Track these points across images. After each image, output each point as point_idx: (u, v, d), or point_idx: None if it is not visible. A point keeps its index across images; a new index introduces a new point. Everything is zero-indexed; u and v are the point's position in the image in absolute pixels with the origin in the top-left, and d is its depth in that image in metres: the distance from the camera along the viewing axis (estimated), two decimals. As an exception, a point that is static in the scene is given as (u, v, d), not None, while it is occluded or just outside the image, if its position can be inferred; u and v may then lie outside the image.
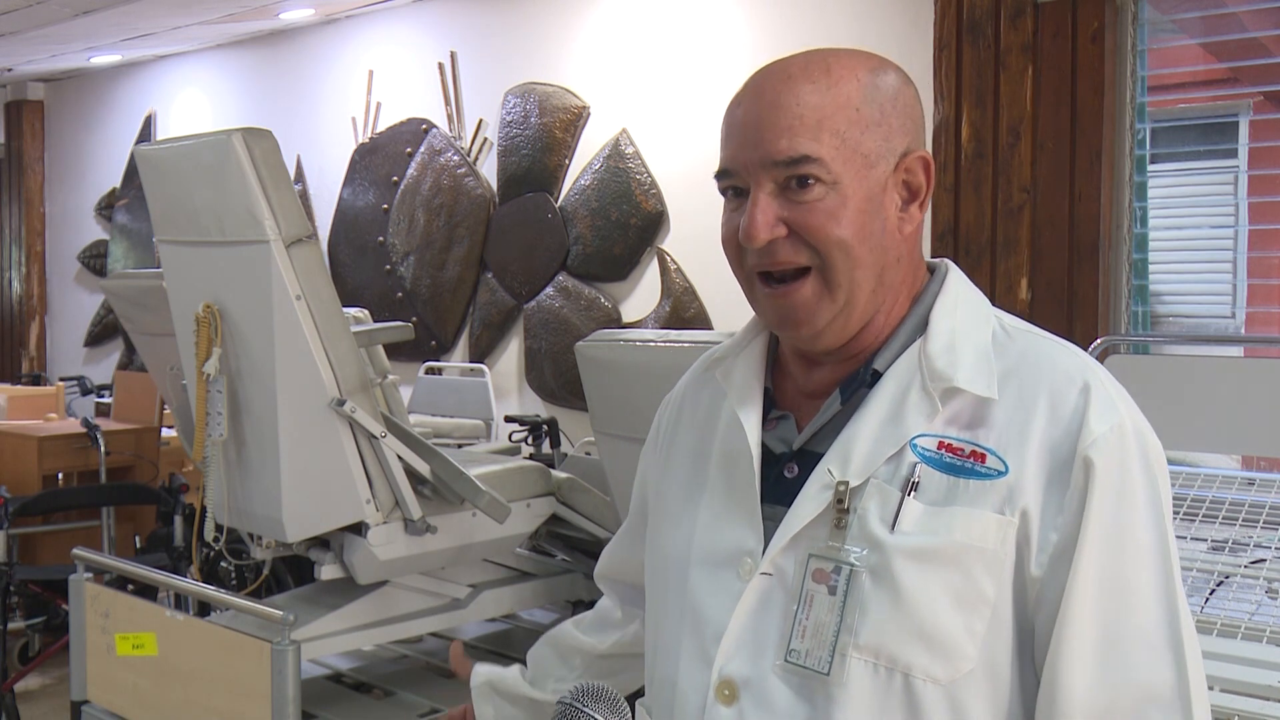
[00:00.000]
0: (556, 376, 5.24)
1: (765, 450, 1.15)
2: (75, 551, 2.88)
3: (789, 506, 1.10)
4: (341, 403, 2.48)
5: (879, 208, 1.09)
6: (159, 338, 3.16)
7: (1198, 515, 2.22)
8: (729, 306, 4.72)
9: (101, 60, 7.38)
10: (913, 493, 1.05)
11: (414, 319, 5.56)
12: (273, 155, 2.46)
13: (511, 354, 5.51)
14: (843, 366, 1.14)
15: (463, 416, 5.02)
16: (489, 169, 5.55)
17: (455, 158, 5.64)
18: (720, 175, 1.13)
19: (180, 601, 3.87)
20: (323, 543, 2.68)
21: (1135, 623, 1.03)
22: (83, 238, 8.04)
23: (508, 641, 3.18)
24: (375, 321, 3.43)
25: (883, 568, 1.04)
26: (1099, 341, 2.79)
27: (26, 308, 8.38)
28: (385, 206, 5.94)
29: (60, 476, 5.38)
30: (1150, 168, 3.64)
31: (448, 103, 5.72)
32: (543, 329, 5.31)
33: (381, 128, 6.02)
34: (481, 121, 5.59)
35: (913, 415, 1.08)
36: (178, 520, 4.53)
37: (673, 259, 4.89)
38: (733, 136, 1.11)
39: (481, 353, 5.56)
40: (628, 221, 4.99)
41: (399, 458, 2.57)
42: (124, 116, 7.67)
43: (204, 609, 3.40)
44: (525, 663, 1.51)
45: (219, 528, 2.76)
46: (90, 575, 2.84)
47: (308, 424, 2.51)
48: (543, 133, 5.29)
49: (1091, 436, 1.03)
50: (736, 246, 1.11)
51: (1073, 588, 1.02)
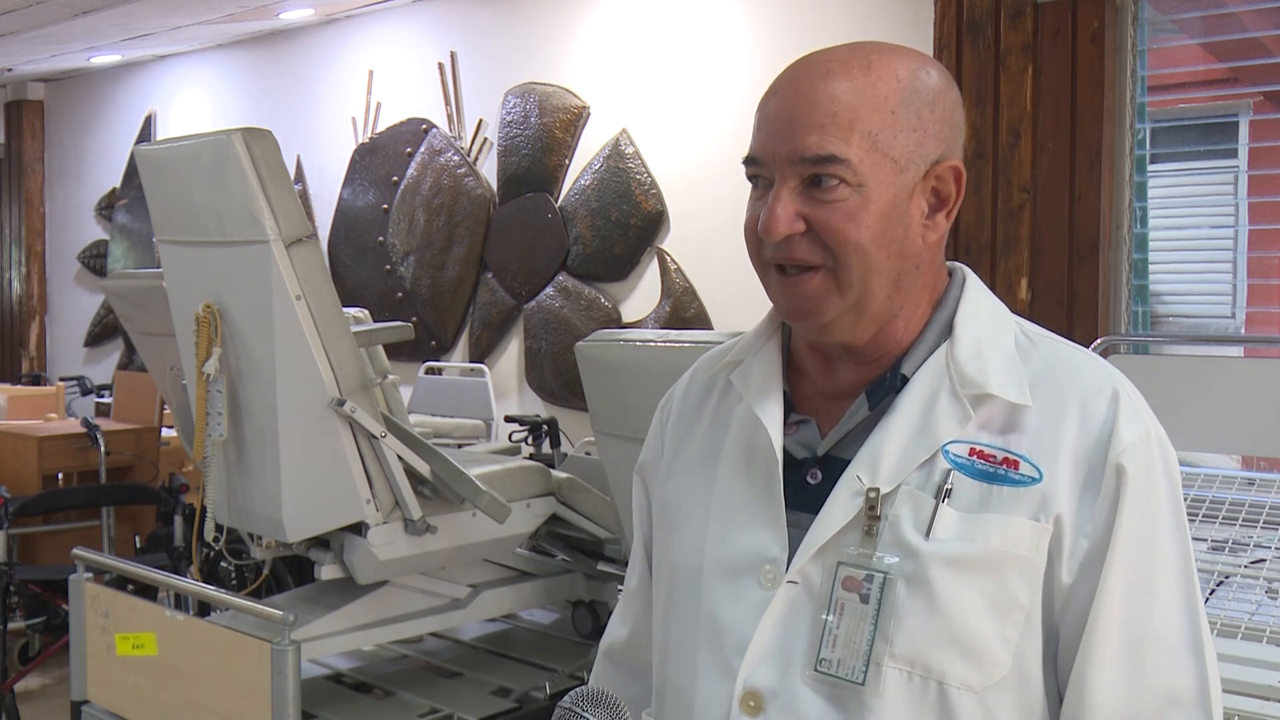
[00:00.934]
0: (556, 376, 5.24)
1: (785, 455, 1.13)
2: (75, 551, 2.88)
3: (812, 513, 1.08)
4: (341, 403, 2.48)
5: (903, 214, 1.07)
6: (159, 338, 3.16)
7: (1198, 515, 2.22)
8: (729, 306, 4.73)
9: (101, 60, 7.38)
10: (947, 499, 1.04)
11: (414, 319, 5.56)
12: (273, 155, 2.46)
13: (511, 354, 5.51)
14: (865, 369, 1.13)
15: (463, 416, 5.02)
16: (489, 169, 5.55)
17: (455, 158, 5.64)
18: (748, 162, 1.11)
19: (180, 601, 3.87)
20: (323, 543, 2.68)
21: (1160, 628, 1.04)
22: (83, 238, 8.03)
23: (508, 641, 3.19)
24: (375, 321, 3.43)
25: (918, 575, 1.03)
26: (1099, 341, 2.78)
27: (26, 308, 8.38)
28: (385, 206, 5.94)
29: (60, 476, 5.38)
30: (1150, 168, 3.63)
31: (448, 103, 5.72)
32: (543, 329, 5.31)
33: (381, 128, 6.02)
34: (481, 121, 5.59)
35: (944, 421, 1.07)
36: (178, 520, 4.53)
37: (673, 259, 4.89)
38: (764, 126, 1.10)
39: (481, 353, 5.56)
40: (628, 221, 4.99)
41: (399, 458, 2.57)
42: (124, 116, 7.67)
43: (204, 609, 3.40)
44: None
45: (219, 528, 2.76)
46: (90, 575, 2.84)
47: (308, 424, 2.51)
48: (543, 133, 5.29)
49: (1123, 444, 1.04)
50: (756, 236, 1.10)
51: (1102, 594, 1.03)
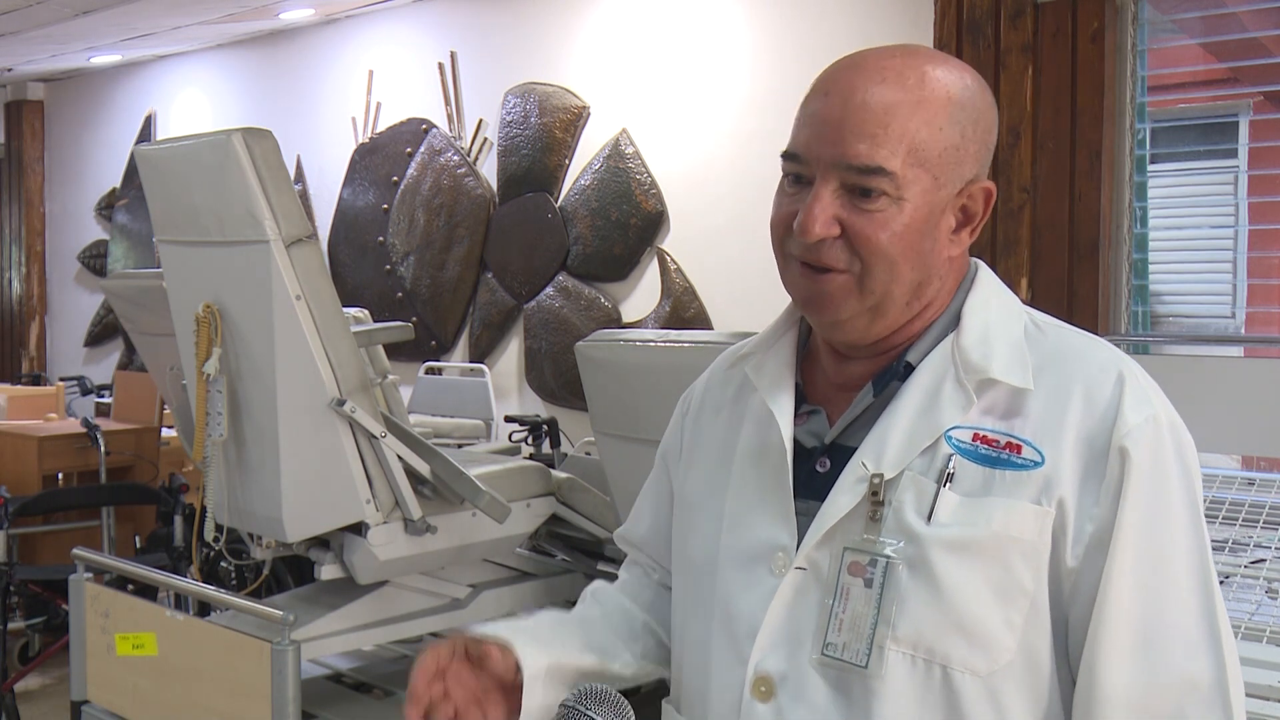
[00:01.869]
0: (556, 376, 5.24)
1: (796, 445, 1.14)
2: (75, 551, 2.88)
3: (820, 500, 1.10)
4: (341, 403, 2.48)
5: (933, 228, 1.08)
6: (159, 338, 3.15)
7: (1198, 515, 2.22)
8: (729, 306, 4.73)
9: (101, 60, 7.38)
10: (948, 484, 1.05)
11: (414, 319, 5.55)
12: (273, 155, 2.46)
13: (511, 354, 5.51)
14: (876, 361, 1.14)
15: (463, 416, 5.02)
16: (489, 169, 5.55)
17: (455, 158, 5.64)
18: (788, 157, 1.11)
19: (180, 601, 3.87)
20: (323, 543, 2.67)
21: (1173, 615, 1.03)
22: (83, 238, 8.03)
23: (508, 641, 3.18)
24: (375, 321, 3.43)
25: (919, 559, 1.04)
26: (1099, 341, 2.78)
27: (26, 308, 8.38)
28: (385, 206, 5.94)
29: (60, 476, 5.38)
30: (1150, 168, 3.63)
31: (448, 103, 5.72)
32: (543, 329, 5.31)
33: (381, 128, 6.02)
34: (481, 121, 5.59)
35: (947, 407, 1.08)
36: (178, 520, 4.53)
37: (673, 259, 4.89)
38: (810, 124, 1.09)
39: (481, 353, 5.56)
40: (628, 221, 4.99)
41: (399, 458, 2.57)
42: (124, 116, 7.67)
43: (204, 609, 3.40)
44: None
45: (219, 528, 2.76)
46: (90, 575, 2.84)
47: (308, 424, 2.51)
48: (543, 133, 5.29)
49: (1126, 427, 1.03)
50: (785, 231, 1.10)
51: (1109, 579, 1.02)
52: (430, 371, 5.50)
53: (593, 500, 3.01)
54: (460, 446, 3.95)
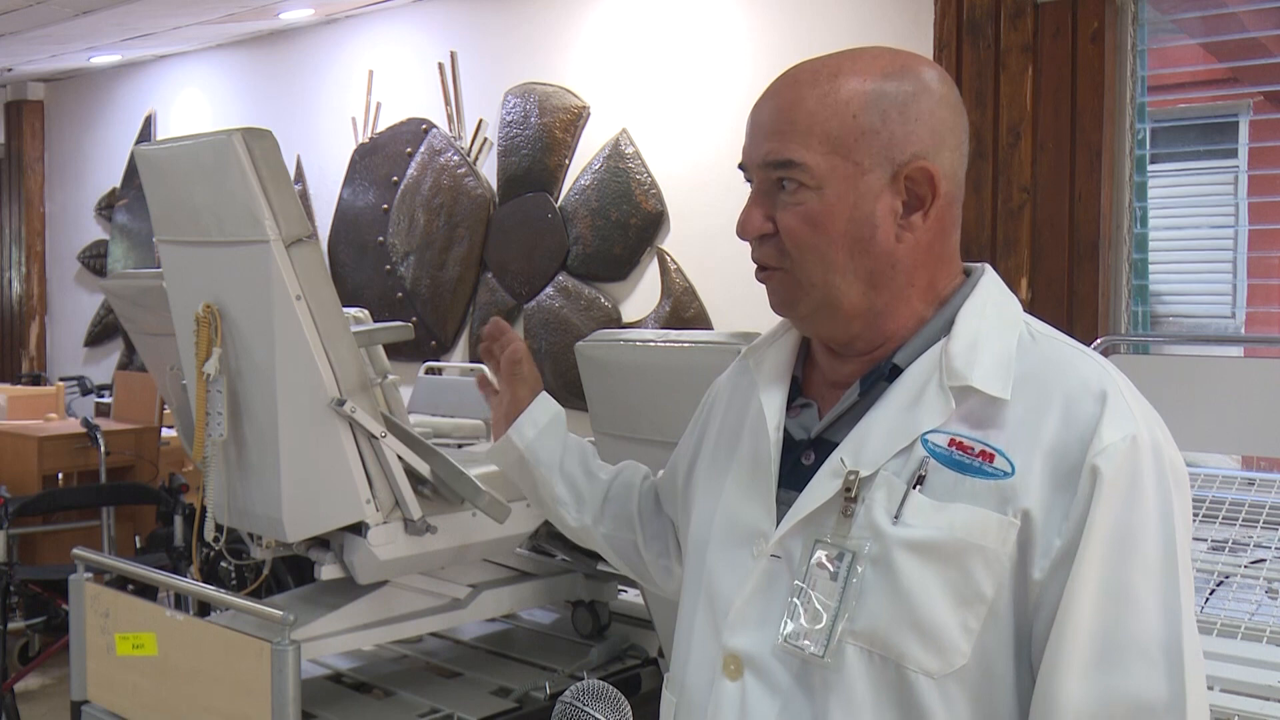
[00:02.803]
0: (556, 376, 5.23)
1: (788, 436, 1.19)
2: (75, 551, 2.88)
3: (800, 491, 1.13)
4: (341, 403, 2.48)
5: (868, 214, 1.10)
6: (159, 338, 3.15)
7: (1198, 515, 2.22)
8: (729, 306, 4.73)
9: (101, 60, 7.38)
10: (919, 486, 1.07)
11: (414, 319, 5.56)
12: (273, 155, 2.46)
13: (511, 354, 5.49)
14: (865, 361, 1.17)
15: (463, 416, 5.01)
16: (489, 169, 5.55)
17: (455, 158, 5.64)
18: (740, 167, 1.19)
19: (180, 601, 3.87)
20: (323, 543, 2.68)
21: (1133, 633, 1.02)
22: (83, 238, 8.03)
23: (508, 641, 3.18)
24: (375, 321, 3.43)
25: (883, 557, 1.06)
26: (1099, 341, 2.79)
27: (26, 308, 8.38)
28: (385, 206, 5.94)
29: (60, 476, 5.38)
30: (1150, 168, 3.63)
31: (448, 103, 5.72)
32: (543, 329, 5.31)
33: (381, 128, 6.02)
34: (481, 121, 5.59)
35: (927, 411, 1.09)
36: (178, 520, 4.53)
37: (673, 259, 4.89)
38: (747, 133, 1.17)
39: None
40: (628, 221, 4.99)
41: (399, 458, 2.57)
42: (124, 116, 7.67)
43: (204, 609, 3.40)
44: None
45: (219, 528, 2.76)
46: (90, 575, 2.84)
47: (308, 424, 2.51)
48: (543, 133, 5.29)
49: (1102, 445, 1.02)
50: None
51: (1071, 595, 1.02)
52: (430, 371, 5.50)
53: (593, 500, 3.00)
54: (460, 446, 3.95)
